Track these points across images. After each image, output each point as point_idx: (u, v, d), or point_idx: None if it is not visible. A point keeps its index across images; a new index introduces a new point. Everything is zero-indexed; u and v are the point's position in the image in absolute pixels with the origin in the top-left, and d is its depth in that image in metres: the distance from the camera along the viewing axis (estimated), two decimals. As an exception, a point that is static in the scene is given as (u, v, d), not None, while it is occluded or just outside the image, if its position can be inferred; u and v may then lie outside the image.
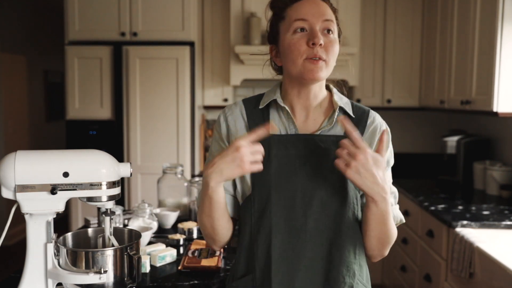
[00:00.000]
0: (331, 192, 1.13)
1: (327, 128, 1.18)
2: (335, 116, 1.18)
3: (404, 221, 1.24)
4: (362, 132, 1.19)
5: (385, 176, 1.08)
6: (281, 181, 1.14)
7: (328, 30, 1.14)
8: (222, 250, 1.74)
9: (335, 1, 3.27)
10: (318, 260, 1.14)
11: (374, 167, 1.04)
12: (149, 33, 3.39)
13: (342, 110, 1.20)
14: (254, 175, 1.15)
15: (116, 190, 1.17)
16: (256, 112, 1.21)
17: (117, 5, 3.38)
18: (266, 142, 1.13)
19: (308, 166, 1.14)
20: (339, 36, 1.19)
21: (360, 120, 1.21)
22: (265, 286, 1.14)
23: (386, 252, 1.21)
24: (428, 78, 3.54)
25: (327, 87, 1.27)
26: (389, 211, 1.11)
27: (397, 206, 1.24)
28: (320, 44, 1.11)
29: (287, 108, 1.19)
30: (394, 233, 1.18)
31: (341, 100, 1.23)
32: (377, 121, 1.22)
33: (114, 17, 3.39)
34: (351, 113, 1.21)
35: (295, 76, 1.16)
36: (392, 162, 1.23)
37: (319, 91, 1.21)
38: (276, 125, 1.19)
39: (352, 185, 1.14)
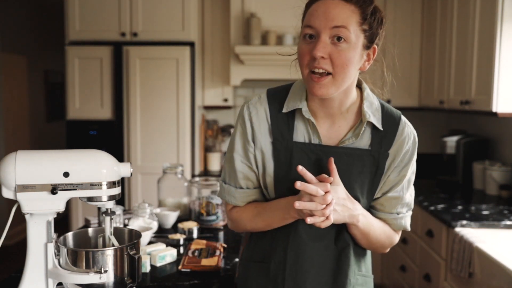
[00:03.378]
0: None
1: (352, 141, 1.13)
2: (362, 131, 1.12)
3: (408, 229, 1.24)
4: (389, 145, 1.14)
5: (353, 201, 1.11)
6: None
7: (339, 38, 1.02)
8: (222, 250, 1.74)
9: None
10: (328, 264, 1.16)
11: (345, 200, 1.09)
12: (149, 34, 3.40)
13: (370, 124, 1.14)
14: (276, 180, 1.15)
15: (117, 190, 1.17)
16: (281, 116, 1.14)
17: (118, 5, 3.38)
18: (289, 149, 1.13)
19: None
20: (370, 42, 1.08)
21: (388, 132, 1.14)
22: (278, 281, 1.16)
23: (383, 251, 1.25)
24: (428, 78, 3.54)
25: (359, 84, 1.18)
26: (371, 223, 1.15)
27: (408, 214, 1.22)
28: (322, 57, 1.02)
29: (312, 120, 1.12)
30: (383, 241, 1.21)
31: (371, 107, 1.15)
32: (405, 132, 1.16)
33: (114, 17, 3.39)
34: (379, 125, 1.13)
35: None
36: (414, 173, 1.20)
37: (345, 98, 1.12)
38: (300, 133, 1.14)
39: (366, 196, 1.15)
